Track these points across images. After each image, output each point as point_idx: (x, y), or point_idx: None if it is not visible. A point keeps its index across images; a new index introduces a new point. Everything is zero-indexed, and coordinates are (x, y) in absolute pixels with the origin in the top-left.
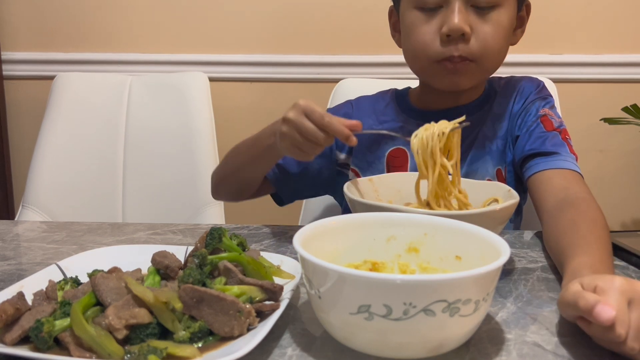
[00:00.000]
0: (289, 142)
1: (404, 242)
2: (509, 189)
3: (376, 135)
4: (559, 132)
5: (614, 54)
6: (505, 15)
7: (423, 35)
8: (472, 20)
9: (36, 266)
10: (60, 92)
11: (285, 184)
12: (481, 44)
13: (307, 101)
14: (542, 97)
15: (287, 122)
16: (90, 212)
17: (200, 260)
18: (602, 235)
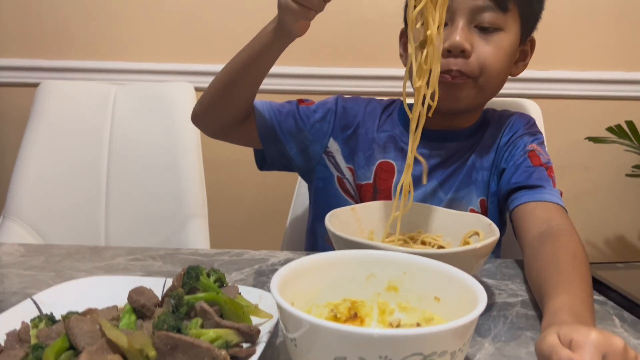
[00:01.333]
0: (291, 12)
1: (384, 280)
2: (490, 222)
3: (370, 142)
4: (546, 168)
5: (600, 70)
6: (507, 40)
7: None
8: (474, 39)
9: (12, 296)
10: (44, 100)
11: (270, 142)
12: (481, 63)
13: None
14: (531, 133)
15: None
16: (73, 223)
17: (176, 301)
18: (583, 272)
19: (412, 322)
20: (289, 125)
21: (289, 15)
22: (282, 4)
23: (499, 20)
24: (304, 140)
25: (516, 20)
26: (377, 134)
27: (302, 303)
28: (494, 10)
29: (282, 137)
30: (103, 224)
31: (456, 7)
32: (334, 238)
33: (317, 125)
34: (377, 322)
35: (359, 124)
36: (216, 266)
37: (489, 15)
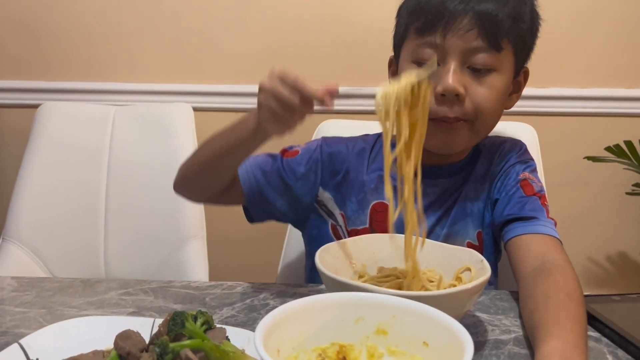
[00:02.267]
0: (267, 111)
1: (372, 323)
2: (481, 259)
3: (361, 185)
4: (539, 197)
5: (597, 87)
6: (500, 80)
7: None
8: (466, 81)
9: (1, 337)
10: (44, 121)
11: (259, 204)
12: (475, 105)
13: (283, 67)
14: (523, 161)
15: (262, 90)
16: (72, 244)
17: (161, 349)
18: (576, 313)
19: None
20: (276, 184)
21: (271, 122)
22: (264, 106)
23: (492, 61)
24: (292, 195)
25: (510, 57)
26: (367, 176)
27: (289, 349)
28: (488, 51)
29: (269, 198)
30: (102, 245)
31: (448, 48)
32: (324, 277)
33: (305, 178)
34: None
35: (348, 170)
36: (208, 300)
37: (482, 56)
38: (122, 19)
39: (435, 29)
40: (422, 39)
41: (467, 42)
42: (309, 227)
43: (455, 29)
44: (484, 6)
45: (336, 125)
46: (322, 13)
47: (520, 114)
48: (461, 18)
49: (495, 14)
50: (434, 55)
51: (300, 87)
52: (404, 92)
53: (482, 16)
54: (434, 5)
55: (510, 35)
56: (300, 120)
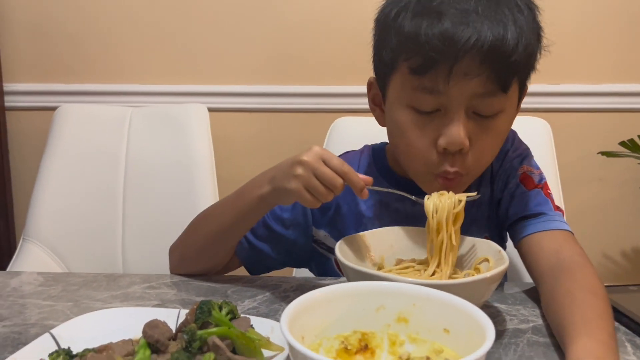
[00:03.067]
0: (303, 183)
1: (393, 312)
2: (499, 249)
3: (359, 216)
4: (541, 187)
5: (611, 83)
6: (506, 120)
7: (417, 143)
8: (471, 129)
9: (31, 328)
10: (62, 123)
11: (257, 263)
12: (478, 158)
13: (323, 148)
14: (519, 154)
15: (303, 165)
16: (91, 244)
17: (189, 336)
18: (603, 310)
19: (422, 354)
20: (267, 237)
21: (303, 195)
22: (302, 179)
23: (500, 105)
24: (287, 242)
25: (515, 91)
26: (363, 206)
27: (312, 336)
28: (496, 94)
29: (266, 252)
30: (120, 244)
31: (452, 95)
32: (344, 268)
33: (294, 224)
34: (387, 353)
35: (339, 203)
36: (229, 293)
37: (490, 102)
38: (137, 21)
39: (437, 71)
40: (418, 81)
41: (474, 88)
42: (312, 267)
43: (460, 74)
44: (495, 40)
45: (350, 123)
46: (337, 12)
47: (534, 111)
48: (469, 58)
49: (507, 51)
50: (433, 102)
51: (347, 173)
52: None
53: (492, 55)
54: (435, 41)
55: (521, 72)
56: (330, 199)
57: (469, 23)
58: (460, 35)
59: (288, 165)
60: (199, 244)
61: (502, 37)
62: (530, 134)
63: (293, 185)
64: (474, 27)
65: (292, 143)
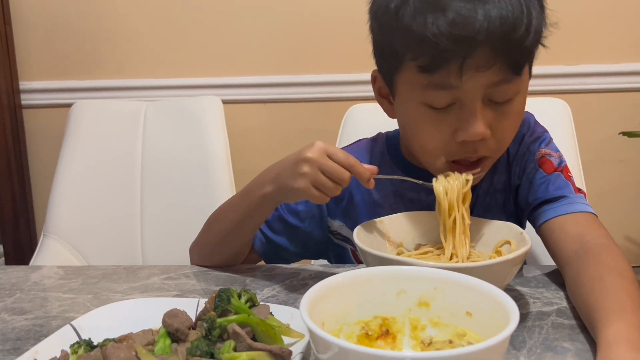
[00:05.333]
0: (310, 181)
1: (414, 296)
2: (521, 231)
3: (373, 206)
4: (560, 170)
5: (631, 62)
6: (522, 101)
7: (434, 139)
8: (490, 117)
9: (52, 320)
10: (78, 120)
11: (275, 255)
12: (500, 142)
13: (327, 143)
14: (536, 138)
15: (308, 162)
16: (110, 239)
17: (209, 324)
18: (634, 293)
19: (445, 338)
20: (283, 230)
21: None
22: (309, 176)
23: (515, 88)
24: (303, 235)
25: (527, 69)
26: (377, 195)
27: (332, 322)
28: (511, 80)
29: (283, 245)
30: (139, 238)
31: (467, 89)
32: (363, 254)
33: (309, 216)
34: (409, 338)
35: (351, 193)
36: (248, 282)
37: (505, 88)
38: (149, 16)
39: (448, 67)
40: (429, 79)
41: (489, 79)
42: (330, 257)
43: (473, 67)
44: (505, 28)
45: (364, 110)
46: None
47: (553, 93)
48: (481, 51)
49: (519, 37)
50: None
51: (353, 165)
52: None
53: (505, 43)
54: (443, 39)
55: (533, 53)
56: (338, 193)
57: (476, 13)
58: (469, 29)
59: (292, 163)
60: (213, 243)
61: (512, 24)
62: (549, 116)
63: (300, 184)
64: (482, 17)
65: (308, 133)
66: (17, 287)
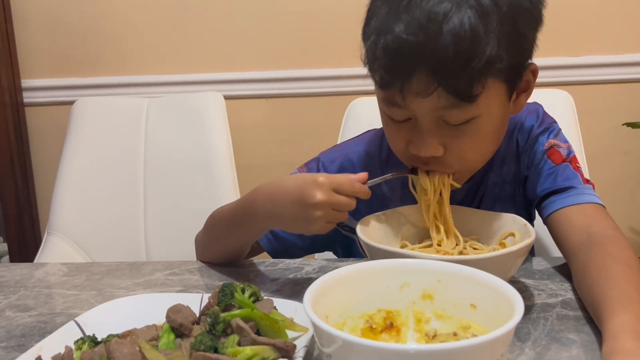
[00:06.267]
0: (325, 222)
1: (418, 289)
2: (525, 223)
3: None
4: (569, 161)
5: (634, 53)
6: (487, 122)
7: (395, 144)
8: (444, 136)
9: (56, 317)
10: (80, 117)
11: (283, 252)
12: (460, 158)
13: (326, 176)
14: (545, 129)
15: (319, 207)
16: (114, 236)
17: (212, 319)
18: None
19: (449, 330)
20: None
21: (326, 229)
22: (325, 218)
23: (469, 114)
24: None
25: (496, 88)
26: (385, 187)
27: (336, 316)
28: (460, 106)
29: (290, 240)
30: (143, 235)
31: (413, 110)
32: (367, 247)
33: None
34: (413, 331)
35: None
36: (252, 277)
37: (455, 113)
38: (150, 12)
39: (394, 87)
40: (384, 94)
41: (432, 103)
42: (337, 249)
43: (413, 91)
44: (444, 55)
45: (366, 104)
46: None
47: (556, 84)
48: (418, 77)
49: (457, 64)
50: (401, 114)
51: (359, 192)
52: None
53: (441, 70)
54: (381, 62)
55: (489, 73)
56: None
57: (415, 38)
58: (403, 54)
59: (301, 208)
60: (211, 244)
61: (454, 51)
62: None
63: (318, 228)
64: (421, 41)
65: (310, 127)
66: (21, 284)
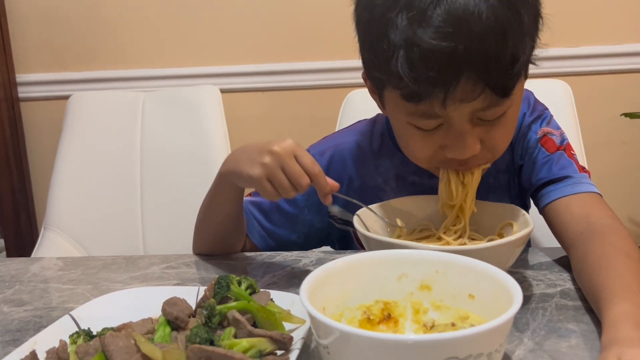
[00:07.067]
0: (266, 173)
1: (416, 279)
2: (523, 213)
3: (375, 190)
4: (563, 149)
5: (633, 43)
6: (515, 110)
7: (422, 152)
8: (480, 133)
9: (51, 311)
10: (76, 112)
11: (278, 249)
12: (493, 149)
13: (298, 143)
14: (537, 117)
15: (272, 154)
16: (111, 230)
17: (208, 312)
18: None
19: (447, 321)
20: (282, 222)
21: (264, 185)
22: (268, 168)
23: (504, 107)
24: (303, 223)
25: (522, 77)
26: (378, 178)
27: (333, 307)
28: (499, 103)
29: (283, 236)
30: (140, 229)
31: (452, 116)
32: (364, 239)
33: (308, 203)
34: (411, 322)
35: (351, 177)
36: (249, 270)
37: (493, 110)
38: (144, 5)
39: (431, 100)
40: (414, 108)
41: (475, 106)
42: (334, 242)
43: (457, 99)
44: (486, 55)
45: (363, 96)
46: None
47: (554, 75)
48: (463, 83)
49: (504, 63)
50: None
51: (316, 174)
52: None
53: (488, 72)
54: (424, 70)
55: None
56: (287, 197)
57: (454, 44)
58: (447, 63)
59: (256, 151)
60: (202, 230)
61: (495, 52)
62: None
63: (255, 172)
64: (461, 48)
65: (307, 120)
66: (16, 278)
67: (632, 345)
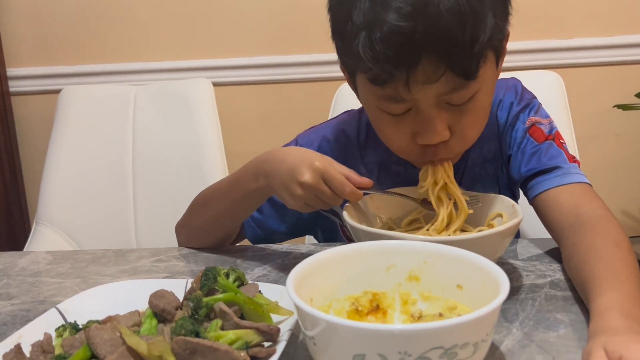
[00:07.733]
0: (304, 202)
1: (404, 270)
2: (513, 203)
3: None
4: (552, 138)
5: (624, 35)
6: (484, 95)
7: (396, 140)
8: (449, 119)
9: (39, 305)
10: (67, 106)
11: (266, 240)
12: (463, 138)
13: (324, 163)
14: (525, 106)
15: (303, 187)
16: (103, 225)
17: (195, 304)
18: (629, 262)
19: (435, 311)
20: (271, 212)
21: (303, 209)
22: (304, 199)
23: (472, 90)
24: (292, 214)
25: (490, 58)
26: (363, 169)
27: (321, 298)
28: (465, 85)
29: (272, 227)
30: (133, 224)
31: (417, 99)
32: (353, 230)
33: None
34: (399, 312)
35: None
36: (239, 262)
37: (460, 93)
38: None
39: (395, 82)
40: (381, 91)
41: (438, 89)
42: (318, 232)
43: (419, 81)
44: (446, 35)
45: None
46: None
47: (546, 67)
48: (424, 64)
49: (463, 44)
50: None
51: (348, 195)
52: None
53: (448, 52)
54: (380, 58)
55: (489, 49)
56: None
57: (414, 24)
58: (406, 39)
59: (287, 177)
60: (202, 227)
61: (455, 33)
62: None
63: (296, 205)
64: (421, 29)
65: (300, 113)
66: (4, 272)
67: (617, 334)
